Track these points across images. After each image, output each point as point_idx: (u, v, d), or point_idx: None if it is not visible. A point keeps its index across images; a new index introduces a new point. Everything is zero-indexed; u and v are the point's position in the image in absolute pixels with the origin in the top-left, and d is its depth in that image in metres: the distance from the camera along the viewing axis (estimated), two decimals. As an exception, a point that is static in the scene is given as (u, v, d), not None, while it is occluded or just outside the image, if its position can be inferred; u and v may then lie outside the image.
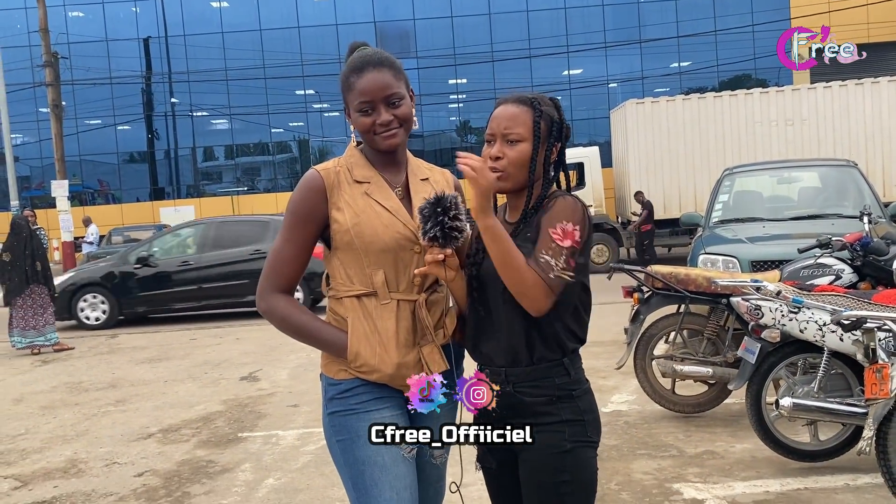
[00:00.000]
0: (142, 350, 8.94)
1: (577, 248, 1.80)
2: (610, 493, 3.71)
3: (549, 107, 1.93)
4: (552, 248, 1.77)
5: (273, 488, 4.07)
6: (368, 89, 1.92)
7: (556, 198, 1.88)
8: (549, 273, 1.76)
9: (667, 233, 15.22)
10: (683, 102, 15.44)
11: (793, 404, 3.65)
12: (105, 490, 4.23)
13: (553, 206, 1.84)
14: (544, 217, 1.83)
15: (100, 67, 25.05)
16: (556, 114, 1.93)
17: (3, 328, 9.35)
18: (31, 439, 5.36)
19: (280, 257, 1.98)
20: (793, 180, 7.66)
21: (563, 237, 1.78)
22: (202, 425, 5.45)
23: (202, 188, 27.77)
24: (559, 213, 1.81)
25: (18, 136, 24.66)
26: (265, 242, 11.15)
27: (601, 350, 6.65)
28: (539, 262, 1.77)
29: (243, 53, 25.62)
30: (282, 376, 6.92)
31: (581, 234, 1.80)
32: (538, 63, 25.47)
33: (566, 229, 1.79)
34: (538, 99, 1.93)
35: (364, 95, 1.92)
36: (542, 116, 1.89)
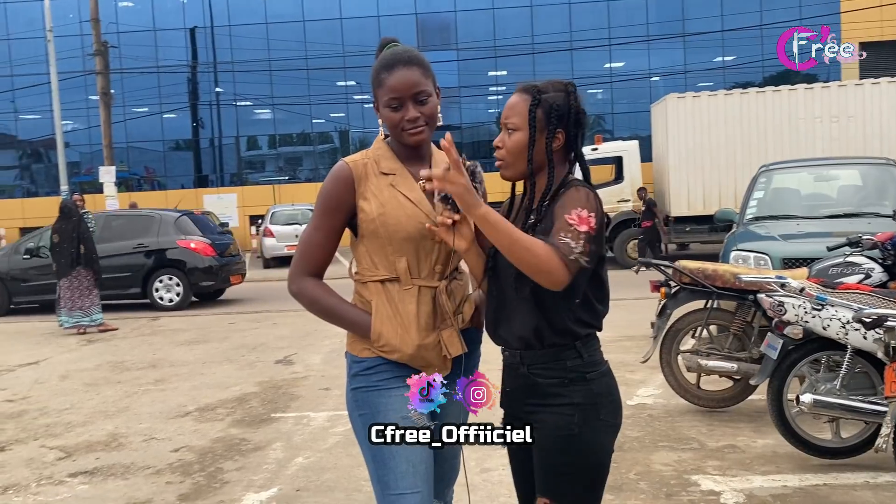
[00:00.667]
0: (182, 332, 9.21)
1: (593, 235, 1.81)
2: (629, 482, 3.77)
3: (555, 93, 1.91)
4: (570, 231, 1.78)
5: (302, 467, 4.22)
6: (398, 86, 1.99)
7: (569, 187, 1.90)
8: (569, 255, 1.75)
9: (706, 229, 15.07)
10: (725, 97, 15.24)
11: (813, 400, 3.67)
12: (143, 463, 4.43)
13: (565, 195, 1.86)
14: (557, 206, 1.85)
15: (147, 56, 25.57)
16: (563, 100, 1.91)
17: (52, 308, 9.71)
18: (75, 414, 5.61)
19: (310, 243, 2.09)
20: (830, 178, 7.56)
21: (580, 222, 1.79)
22: (237, 405, 5.64)
23: (245, 177, 28.20)
24: (573, 201, 1.83)
25: (69, 123, 25.30)
26: (149, 237, 11.70)
27: (632, 344, 6.68)
28: (558, 244, 1.77)
29: (286, 44, 25.91)
30: (315, 360, 7.09)
31: (596, 222, 1.80)
32: (579, 56, 25.28)
33: (581, 215, 1.80)
34: (543, 86, 1.93)
35: (393, 92, 1.99)
36: (539, 104, 1.89)
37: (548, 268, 1.75)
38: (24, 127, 28.07)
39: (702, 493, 3.59)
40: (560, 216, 1.82)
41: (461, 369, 2.15)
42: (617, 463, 3.96)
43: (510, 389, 2.02)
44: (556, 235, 1.79)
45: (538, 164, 1.94)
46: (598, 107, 26.87)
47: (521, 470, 2.08)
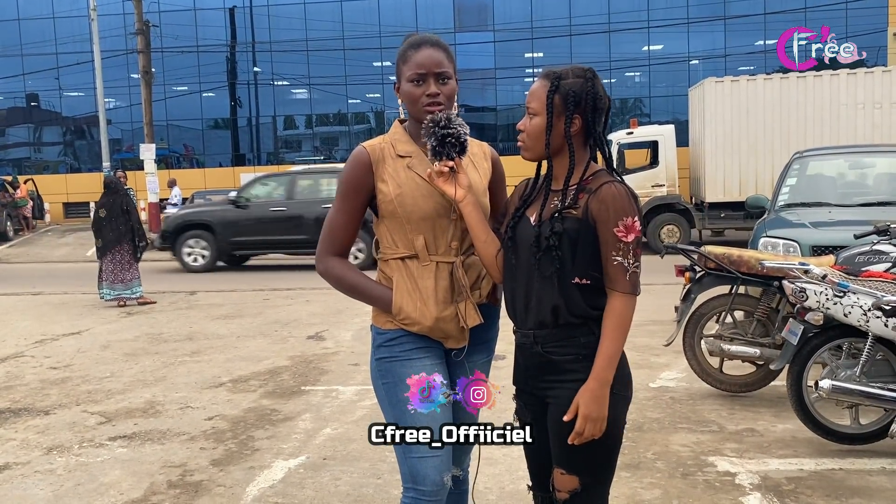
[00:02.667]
0: (218, 307, 9.45)
1: (640, 237, 1.94)
2: (646, 461, 3.85)
3: (574, 79, 1.97)
4: (621, 249, 1.91)
5: (329, 437, 4.37)
6: (424, 62, 2.11)
7: (602, 182, 1.95)
8: (625, 275, 1.91)
9: (741, 216, 14.90)
10: (765, 82, 14.98)
11: (832, 386, 3.70)
12: (179, 430, 4.62)
13: (606, 200, 1.92)
14: (599, 211, 1.92)
15: (187, 36, 25.90)
16: (581, 86, 1.96)
17: (93, 281, 10.01)
18: (115, 382, 5.84)
19: (334, 224, 2.23)
20: (866, 166, 7.47)
21: (627, 233, 1.91)
22: (269, 378, 5.82)
23: (281, 156, 28.49)
24: (618, 210, 1.91)
25: (111, 101, 25.83)
26: None
27: (658, 328, 6.71)
28: (612, 265, 1.92)
29: (323, 24, 26.03)
30: (346, 337, 7.25)
31: (640, 222, 1.94)
32: (617, 38, 25.00)
33: (628, 224, 1.91)
34: (564, 72, 1.99)
35: (419, 67, 2.11)
36: (557, 90, 1.96)
37: (630, 312, 1.96)
38: (67, 104, 28.69)
39: (717, 474, 3.66)
40: (609, 231, 1.92)
41: (481, 343, 2.26)
42: (635, 443, 4.06)
43: (524, 366, 2.11)
44: (609, 254, 1.92)
45: (556, 148, 2.01)
46: (635, 90, 26.58)
47: (532, 448, 2.18)
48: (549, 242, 1.94)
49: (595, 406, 1.92)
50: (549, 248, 1.95)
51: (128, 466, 4.02)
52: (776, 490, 3.46)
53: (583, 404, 1.93)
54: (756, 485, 3.53)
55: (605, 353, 1.93)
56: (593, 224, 1.93)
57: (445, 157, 2.06)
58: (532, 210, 2.07)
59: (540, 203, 2.05)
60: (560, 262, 1.94)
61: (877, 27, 22.20)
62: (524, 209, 2.09)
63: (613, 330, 1.93)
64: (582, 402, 1.93)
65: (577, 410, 1.94)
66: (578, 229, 1.94)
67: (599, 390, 1.93)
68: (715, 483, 3.56)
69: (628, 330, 1.95)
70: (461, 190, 2.09)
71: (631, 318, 1.95)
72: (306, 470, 3.89)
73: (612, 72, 25.21)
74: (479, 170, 2.23)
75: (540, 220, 2.01)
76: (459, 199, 2.09)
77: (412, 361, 2.17)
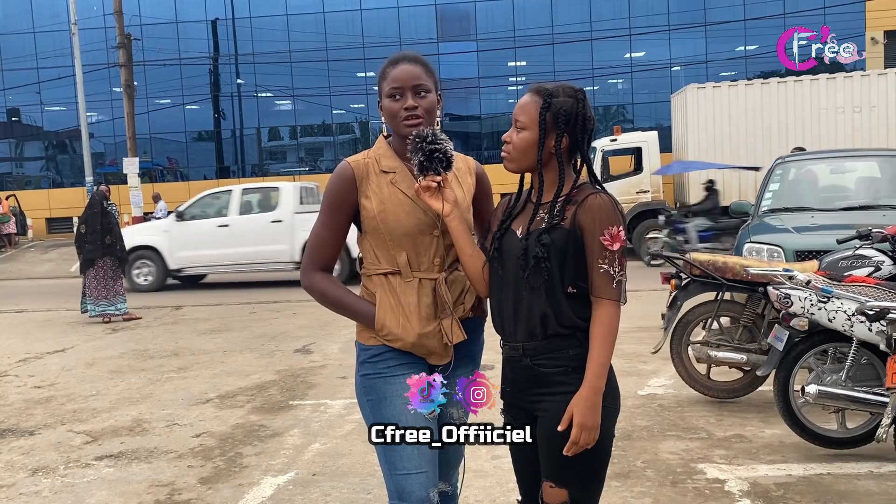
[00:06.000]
0: (204, 322, 9.39)
1: (624, 246, 1.97)
2: (636, 470, 3.85)
3: (565, 98, 2.01)
4: (607, 257, 1.94)
5: (318, 452, 4.35)
6: (400, 77, 2.13)
7: (587, 194, 1.99)
8: (611, 283, 1.94)
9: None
10: (746, 88, 15.15)
11: (818, 391, 3.72)
12: (166, 448, 4.58)
13: (592, 209, 1.95)
14: (586, 220, 1.95)
15: (170, 49, 25.84)
16: (572, 106, 2.00)
17: (77, 298, 9.93)
18: (101, 400, 5.79)
19: (318, 239, 2.23)
20: (847, 170, 7.54)
21: (612, 241, 1.94)
22: (256, 393, 5.79)
23: (266, 168, 28.43)
24: (603, 219, 1.94)
25: (93, 115, 25.65)
26: None
27: (646, 335, 6.73)
28: (598, 273, 1.94)
29: (306, 36, 26.06)
30: (333, 350, 7.22)
31: (625, 231, 1.97)
32: (599, 46, 25.17)
33: (613, 233, 1.94)
34: (555, 90, 2.02)
35: (395, 82, 2.13)
36: (549, 108, 1.99)
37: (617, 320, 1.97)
38: (49, 119, 28.53)
39: (707, 481, 3.67)
40: (595, 239, 1.95)
41: (465, 357, 2.25)
42: (625, 451, 4.07)
43: (513, 380, 2.11)
44: (595, 262, 1.95)
45: (544, 162, 2.04)
46: (618, 97, 26.78)
47: (521, 454, 2.17)
48: (539, 254, 1.96)
49: (590, 414, 1.93)
50: (538, 260, 1.96)
51: (115, 486, 3.98)
52: (765, 496, 3.47)
53: (577, 413, 1.93)
54: (745, 491, 3.54)
55: (596, 361, 1.94)
56: (580, 234, 1.96)
57: (432, 172, 2.06)
58: (518, 223, 2.08)
59: (525, 216, 2.07)
60: (549, 273, 1.96)
61: (855, 32, 22.47)
62: (510, 222, 2.10)
63: (603, 338, 1.94)
64: (576, 410, 1.93)
65: (570, 420, 1.94)
66: (566, 240, 1.96)
67: (593, 398, 1.94)
68: (705, 490, 3.57)
69: (616, 337, 1.97)
70: (447, 205, 2.09)
71: (618, 326, 1.97)
72: (295, 486, 3.86)
73: (595, 79, 25.40)
74: (462, 185, 2.23)
75: (527, 233, 2.02)
76: (446, 214, 2.09)
77: (396, 378, 2.16)
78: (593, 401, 1.94)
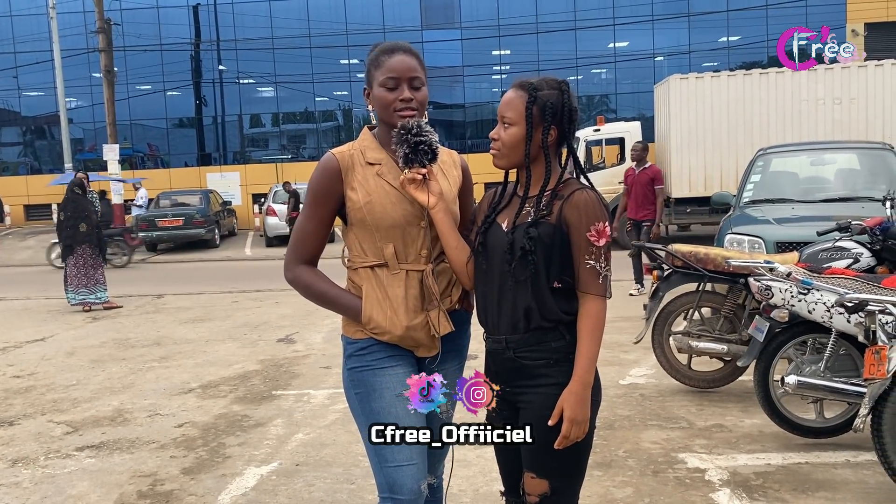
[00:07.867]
0: (186, 311, 9.34)
1: (610, 242, 1.99)
2: (617, 459, 3.89)
3: (550, 91, 2.01)
4: (593, 252, 1.95)
5: (302, 442, 4.35)
6: (398, 67, 2.11)
7: (573, 189, 2.00)
8: (598, 279, 1.96)
9: (706, 211, 15.11)
10: (728, 78, 15.20)
11: (797, 382, 3.77)
12: (148, 438, 4.56)
13: (578, 205, 1.96)
14: (572, 216, 1.96)
15: (150, 34, 25.52)
16: (557, 98, 2.01)
17: (57, 286, 9.84)
18: (81, 390, 5.74)
19: (303, 232, 2.21)
20: (827, 162, 7.62)
21: (599, 237, 1.95)
22: (239, 383, 5.77)
23: (248, 155, 28.21)
24: (589, 215, 1.96)
25: (72, 100, 25.32)
26: None
27: (627, 325, 6.78)
28: (585, 268, 1.96)
29: (289, 22, 25.81)
30: (316, 339, 7.21)
31: (610, 226, 1.98)
32: (583, 35, 25.15)
33: (599, 229, 1.95)
34: (539, 84, 2.02)
35: (392, 72, 2.11)
36: (535, 102, 1.99)
37: (604, 314, 1.99)
38: (27, 104, 28.10)
39: (687, 471, 3.71)
40: (581, 235, 1.96)
41: (452, 350, 2.26)
42: (607, 441, 4.10)
43: (495, 372, 2.12)
44: (582, 258, 1.96)
45: (532, 156, 2.04)
46: (602, 87, 26.79)
47: (503, 446, 2.19)
48: (526, 246, 1.96)
49: (580, 409, 1.95)
50: (524, 254, 1.97)
51: (96, 477, 3.96)
52: (745, 485, 3.52)
53: (568, 408, 1.95)
54: (725, 480, 3.58)
55: (585, 355, 1.96)
56: (566, 229, 1.97)
57: (418, 164, 2.06)
58: (503, 217, 2.09)
59: (511, 210, 2.08)
60: (535, 266, 1.97)
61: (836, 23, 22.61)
62: (494, 216, 2.10)
63: (591, 332, 1.96)
64: (567, 405, 1.95)
65: (560, 414, 1.96)
66: (552, 234, 1.97)
67: (583, 392, 1.95)
68: (685, 480, 3.61)
69: (603, 332, 1.99)
70: (433, 197, 2.09)
71: (604, 320, 1.99)
72: (279, 476, 3.86)
73: (579, 69, 25.41)
74: (448, 178, 2.23)
75: (513, 227, 2.02)
76: (431, 206, 2.09)
77: (384, 370, 2.16)
78: (583, 395, 1.95)
